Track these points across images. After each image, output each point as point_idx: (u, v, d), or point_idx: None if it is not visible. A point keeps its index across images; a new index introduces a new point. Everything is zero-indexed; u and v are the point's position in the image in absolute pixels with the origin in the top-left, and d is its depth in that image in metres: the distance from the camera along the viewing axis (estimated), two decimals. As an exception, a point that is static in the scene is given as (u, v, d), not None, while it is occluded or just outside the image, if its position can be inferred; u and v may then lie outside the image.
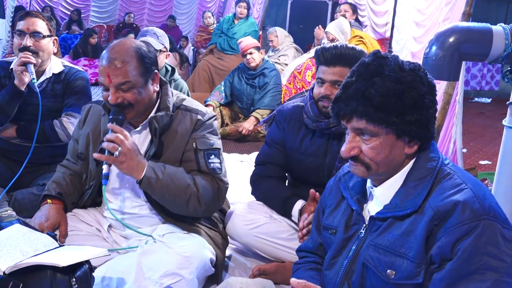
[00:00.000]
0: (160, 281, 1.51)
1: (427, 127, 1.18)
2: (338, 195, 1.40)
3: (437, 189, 1.14)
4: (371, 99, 1.14)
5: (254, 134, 4.42)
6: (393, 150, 1.18)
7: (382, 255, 1.17)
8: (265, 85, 4.51)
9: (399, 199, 1.19)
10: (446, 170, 1.18)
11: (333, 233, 1.35)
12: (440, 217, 1.09)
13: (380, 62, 1.17)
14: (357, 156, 1.20)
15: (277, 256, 1.98)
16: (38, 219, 1.72)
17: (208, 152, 1.76)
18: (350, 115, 1.18)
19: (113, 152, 1.56)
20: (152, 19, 11.83)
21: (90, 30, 8.53)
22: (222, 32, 5.99)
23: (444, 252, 1.08)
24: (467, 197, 1.08)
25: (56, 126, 2.36)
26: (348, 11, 5.20)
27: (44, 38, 2.33)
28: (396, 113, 1.14)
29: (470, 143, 5.10)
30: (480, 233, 1.05)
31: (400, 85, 1.13)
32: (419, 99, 1.15)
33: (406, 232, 1.15)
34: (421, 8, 4.22)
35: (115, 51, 1.65)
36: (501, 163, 2.00)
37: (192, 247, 1.65)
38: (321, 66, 1.88)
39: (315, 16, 7.03)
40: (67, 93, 2.44)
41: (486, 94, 8.95)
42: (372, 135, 1.17)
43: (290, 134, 2.02)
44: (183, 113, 1.79)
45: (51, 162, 2.47)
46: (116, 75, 1.61)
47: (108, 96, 1.65)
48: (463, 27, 1.82)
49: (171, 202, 1.69)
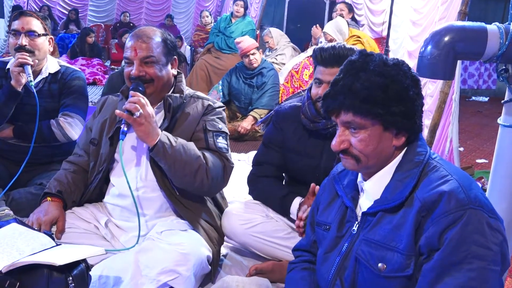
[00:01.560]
0: (157, 278, 1.51)
1: (413, 119, 1.21)
2: (332, 193, 1.42)
3: (424, 181, 1.17)
4: (356, 92, 1.18)
5: (252, 134, 4.43)
6: (381, 142, 1.21)
7: (373, 249, 1.19)
8: (263, 85, 4.52)
9: (388, 192, 1.22)
10: (433, 163, 1.21)
11: (327, 229, 1.37)
12: (427, 208, 1.12)
13: (365, 59, 1.23)
14: (347, 149, 1.24)
15: (274, 255, 1.98)
16: (37, 214, 1.75)
17: (216, 133, 1.86)
18: (338, 109, 1.23)
19: (134, 113, 1.64)
20: (150, 19, 11.81)
21: (87, 29, 8.52)
22: (219, 31, 6.00)
23: (431, 242, 1.09)
24: (452, 188, 1.11)
25: (53, 126, 2.36)
26: (344, 10, 5.21)
27: (39, 36, 2.33)
28: (381, 105, 1.18)
29: (467, 142, 5.12)
30: (466, 222, 1.07)
31: (384, 78, 1.18)
32: (403, 91, 1.19)
33: (397, 226, 1.17)
34: (418, 7, 4.23)
35: (142, 30, 1.82)
36: (496, 161, 2.00)
37: (190, 244, 1.65)
38: (319, 67, 1.88)
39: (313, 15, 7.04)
40: (64, 93, 2.44)
41: (483, 93, 8.97)
42: (359, 128, 1.21)
43: (287, 134, 2.03)
44: (195, 100, 1.92)
45: (48, 161, 2.48)
46: (142, 49, 1.76)
47: (130, 71, 1.76)
48: (458, 26, 1.82)
49: (180, 172, 1.72)
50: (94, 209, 1.89)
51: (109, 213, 1.87)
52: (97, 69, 7.56)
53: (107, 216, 1.86)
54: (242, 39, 4.60)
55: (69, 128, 2.38)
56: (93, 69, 7.52)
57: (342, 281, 1.25)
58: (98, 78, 7.31)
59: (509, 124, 1.88)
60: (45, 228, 1.70)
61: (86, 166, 1.95)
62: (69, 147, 2.52)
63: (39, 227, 1.69)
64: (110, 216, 1.87)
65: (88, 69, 7.39)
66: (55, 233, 1.73)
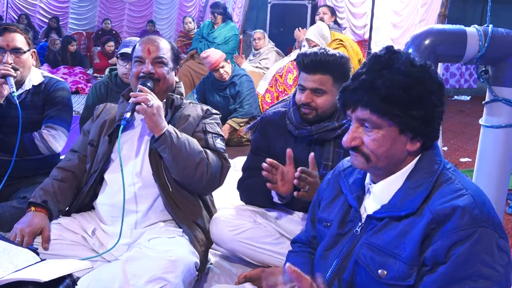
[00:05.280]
0: (145, 287, 1.50)
1: (432, 125, 1.17)
2: (336, 189, 1.38)
3: (437, 192, 1.14)
4: (377, 90, 1.13)
5: (237, 139, 4.43)
6: (395, 145, 1.17)
7: (375, 254, 1.17)
8: (238, 94, 4.42)
9: (398, 199, 1.18)
10: (448, 174, 1.17)
11: (327, 226, 1.34)
12: (438, 221, 1.09)
13: (392, 56, 1.17)
14: (358, 146, 1.20)
15: (263, 261, 1.98)
16: (20, 225, 1.73)
17: (215, 135, 1.96)
18: (355, 104, 1.18)
19: (147, 104, 1.73)
20: (132, 25, 11.77)
21: (68, 37, 8.46)
22: (202, 37, 5.99)
23: (438, 255, 1.07)
24: (467, 203, 1.08)
25: (35, 139, 2.32)
26: (326, 14, 5.24)
27: (24, 53, 2.30)
28: (401, 106, 1.13)
29: (451, 141, 5.18)
30: (476, 240, 1.05)
31: (408, 78, 1.13)
32: (425, 95, 1.14)
33: (402, 233, 1.14)
34: (398, 10, 4.29)
35: (154, 36, 1.98)
36: (479, 160, 2.04)
37: (178, 251, 1.65)
38: (302, 73, 1.89)
39: (295, 19, 7.06)
40: (48, 104, 2.41)
41: (465, 92, 9.09)
42: (375, 127, 1.17)
43: (273, 140, 2.03)
44: (194, 105, 2.03)
45: (32, 175, 2.43)
46: (154, 50, 1.90)
47: (140, 70, 1.88)
48: (438, 29, 1.85)
49: (183, 163, 1.78)
50: (82, 218, 1.88)
51: (98, 217, 1.87)
52: (80, 78, 7.48)
53: (94, 224, 1.84)
54: (209, 52, 4.37)
55: (53, 141, 2.34)
56: (76, 77, 7.43)
57: (340, 282, 1.23)
58: (80, 86, 7.22)
59: (491, 125, 1.92)
60: (28, 239, 1.68)
61: (76, 170, 1.96)
62: (53, 160, 2.48)
63: (22, 238, 1.67)
64: (99, 221, 1.86)
65: (70, 77, 7.31)
66: (41, 244, 1.71)
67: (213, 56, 4.30)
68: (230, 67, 4.43)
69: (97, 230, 1.83)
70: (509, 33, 1.86)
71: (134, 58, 1.94)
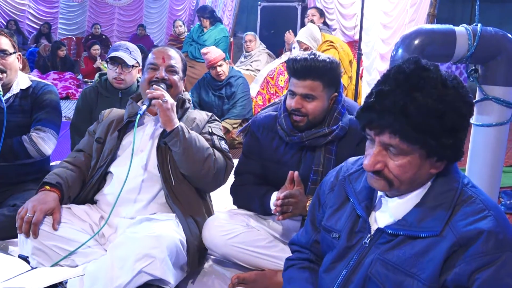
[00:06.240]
0: (132, 267, 1.52)
1: (460, 148, 1.12)
2: (341, 196, 1.33)
3: (458, 213, 1.10)
4: (409, 117, 1.05)
5: (229, 142, 4.41)
6: (420, 170, 1.12)
7: (390, 272, 1.13)
8: (233, 95, 4.44)
9: (415, 217, 1.14)
10: (468, 192, 1.13)
11: (336, 237, 1.28)
12: (461, 244, 1.06)
13: (422, 74, 1.08)
14: (381, 170, 1.14)
15: (257, 264, 1.97)
16: (33, 202, 1.75)
17: (220, 138, 2.09)
18: (383, 128, 1.10)
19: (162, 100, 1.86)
20: (122, 30, 11.71)
21: (58, 42, 8.38)
22: (193, 41, 5.98)
23: (461, 279, 1.05)
24: (491, 226, 1.05)
25: (25, 142, 2.30)
26: (315, 15, 5.25)
27: (9, 55, 2.30)
28: (434, 136, 1.07)
29: (442, 140, 5.20)
30: (501, 264, 1.03)
31: (442, 105, 1.06)
32: (459, 121, 1.09)
33: (420, 253, 1.10)
34: (387, 10, 4.31)
35: (167, 48, 2.12)
36: (470, 160, 2.04)
37: (160, 228, 1.69)
38: (292, 79, 1.88)
39: (285, 21, 7.07)
40: (36, 107, 2.39)
41: (455, 91, 9.14)
42: (402, 153, 1.10)
43: (264, 143, 2.02)
44: (199, 111, 2.20)
45: (21, 181, 2.40)
46: (169, 58, 2.04)
47: (153, 75, 2.01)
48: (427, 29, 1.86)
49: (192, 157, 1.89)
50: (88, 208, 1.93)
51: (101, 209, 1.92)
52: (70, 83, 7.42)
53: (99, 214, 1.90)
54: (209, 49, 4.45)
55: (42, 143, 2.32)
56: (66, 83, 7.38)
57: None
58: (71, 92, 7.17)
59: (481, 123, 1.92)
60: (38, 215, 1.70)
61: (82, 165, 2.02)
62: (42, 165, 2.46)
63: (33, 214, 1.70)
64: (102, 212, 1.91)
65: (60, 83, 7.24)
66: (52, 224, 1.73)
67: (213, 53, 4.36)
68: (228, 68, 4.46)
69: (101, 221, 1.88)
70: (498, 32, 1.87)
71: (147, 65, 2.05)
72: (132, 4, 11.78)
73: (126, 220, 1.87)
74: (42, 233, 1.71)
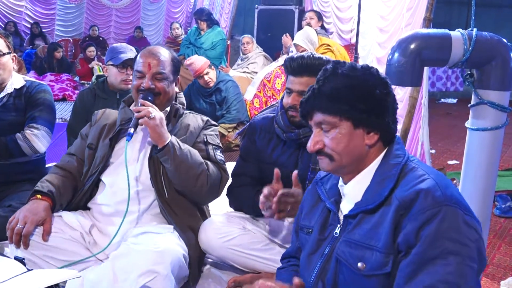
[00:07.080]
0: (136, 281, 1.51)
1: (382, 117, 1.25)
2: (315, 197, 1.43)
3: (402, 181, 1.20)
4: (324, 93, 1.25)
5: (226, 145, 4.42)
6: (353, 140, 1.25)
7: (353, 249, 1.20)
8: (224, 100, 4.39)
9: (368, 195, 1.24)
10: (411, 164, 1.24)
11: (309, 232, 1.38)
12: (405, 206, 1.14)
13: (336, 65, 1.28)
14: (321, 149, 1.27)
15: (253, 267, 1.97)
16: (24, 212, 1.74)
17: (215, 147, 2.03)
18: (311, 111, 1.28)
19: (149, 116, 1.77)
20: (119, 31, 11.70)
21: (54, 44, 8.37)
22: (190, 43, 5.99)
23: (409, 239, 1.11)
24: (429, 186, 1.13)
25: (19, 139, 2.30)
26: (313, 19, 5.27)
27: (4, 55, 2.31)
28: (347, 102, 1.22)
29: (438, 144, 5.22)
30: (442, 219, 1.09)
31: (350, 79, 1.24)
32: (369, 89, 1.23)
33: (375, 225, 1.19)
34: (384, 14, 4.32)
35: (155, 49, 1.98)
36: (466, 163, 2.05)
37: (164, 243, 1.68)
38: (289, 76, 1.91)
39: (283, 24, 7.07)
40: (29, 106, 2.40)
41: (452, 95, 9.19)
42: (330, 127, 1.25)
43: (261, 145, 2.04)
44: (194, 116, 2.09)
45: (17, 180, 2.40)
46: (155, 65, 1.92)
47: (140, 83, 1.92)
48: (423, 33, 1.87)
49: (184, 174, 1.84)
50: (80, 216, 1.90)
51: (94, 217, 1.90)
52: (67, 85, 7.40)
53: (90, 223, 1.87)
54: (192, 59, 4.32)
55: (36, 140, 2.32)
56: (63, 84, 7.36)
57: (324, 284, 1.26)
58: (68, 93, 7.15)
59: (477, 127, 1.93)
60: (29, 227, 1.70)
61: (74, 170, 1.99)
62: (38, 165, 2.46)
63: (23, 225, 1.69)
64: (95, 220, 1.88)
65: (57, 85, 7.23)
66: (42, 236, 1.72)
67: (197, 63, 4.26)
68: (215, 74, 4.39)
69: (93, 229, 1.86)
70: (493, 36, 1.88)
71: (134, 70, 1.97)
72: (129, 6, 11.78)
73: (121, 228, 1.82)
74: (33, 243, 1.71)
